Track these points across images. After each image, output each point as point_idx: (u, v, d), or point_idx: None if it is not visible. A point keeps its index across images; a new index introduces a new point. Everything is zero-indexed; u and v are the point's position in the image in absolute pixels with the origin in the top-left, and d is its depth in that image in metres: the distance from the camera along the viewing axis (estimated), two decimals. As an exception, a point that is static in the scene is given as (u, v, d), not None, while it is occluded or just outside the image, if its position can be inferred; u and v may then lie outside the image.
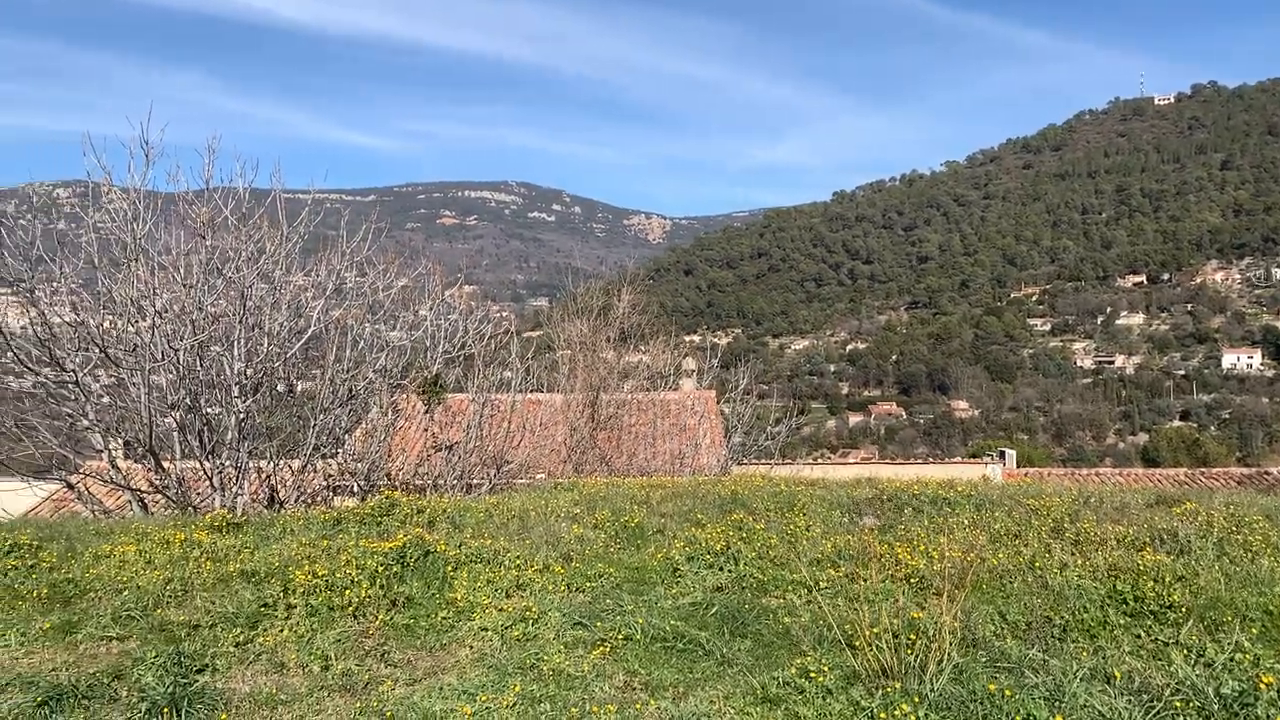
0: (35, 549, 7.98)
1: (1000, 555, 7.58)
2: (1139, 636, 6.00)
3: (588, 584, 7.25)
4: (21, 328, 13.88)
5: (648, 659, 5.84)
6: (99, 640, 6.19)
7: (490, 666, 5.77)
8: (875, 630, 5.41)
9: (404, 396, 17.43)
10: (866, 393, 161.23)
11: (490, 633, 6.28)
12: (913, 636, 5.45)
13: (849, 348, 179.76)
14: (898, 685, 5.09)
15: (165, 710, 5.08)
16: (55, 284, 14.12)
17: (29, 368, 13.22)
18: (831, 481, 11.99)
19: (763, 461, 23.81)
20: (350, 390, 15.54)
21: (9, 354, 13.30)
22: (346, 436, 16.18)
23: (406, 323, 17.19)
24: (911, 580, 7.10)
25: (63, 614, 6.62)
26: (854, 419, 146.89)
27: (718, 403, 25.53)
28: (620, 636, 6.07)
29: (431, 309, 17.45)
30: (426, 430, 18.24)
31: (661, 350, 27.06)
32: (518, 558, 7.65)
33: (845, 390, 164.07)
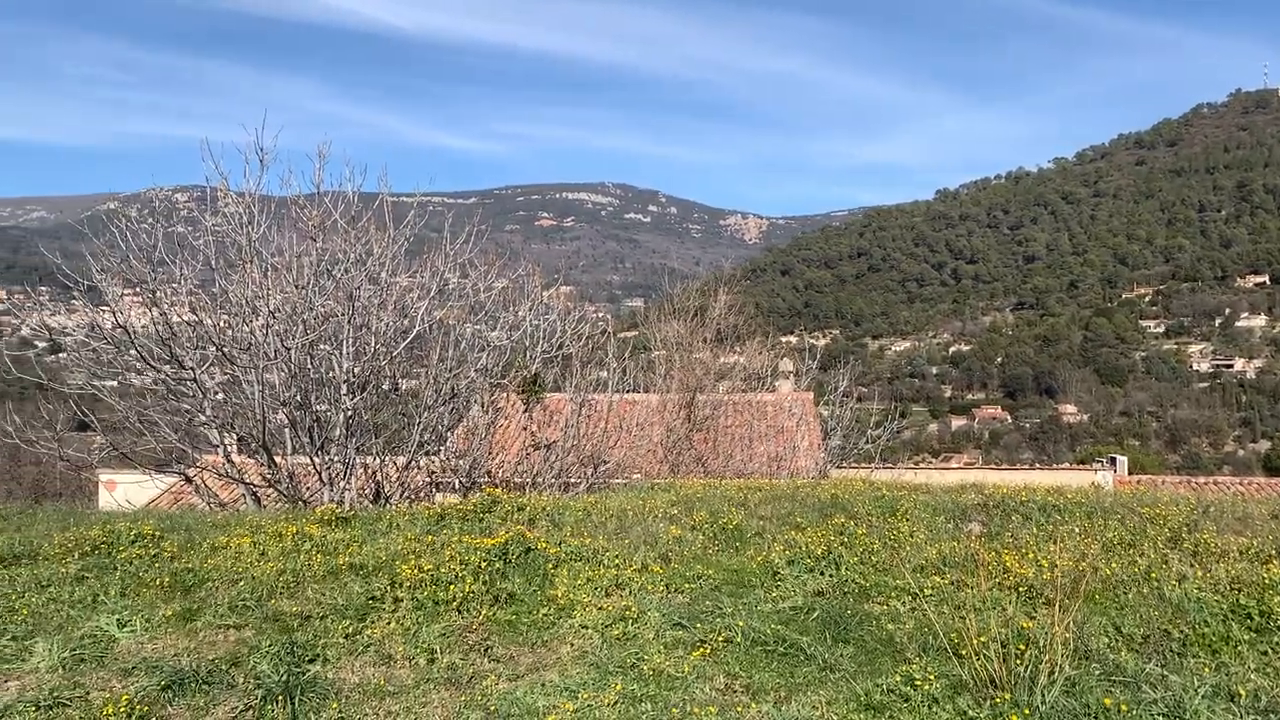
0: (157, 539, 8.33)
1: (1114, 565, 7.32)
2: (1265, 654, 5.72)
3: (686, 585, 7.24)
4: (143, 326, 14.53)
5: (748, 662, 5.80)
6: (217, 628, 6.43)
7: (591, 664, 5.81)
8: (983, 639, 5.28)
9: (503, 395, 17.68)
10: (969, 396, 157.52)
11: (590, 631, 6.33)
12: (1022, 647, 5.30)
13: (952, 349, 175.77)
14: (1007, 696, 4.95)
15: (280, 698, 5.26)
16: (175, 285, 14.77)
17: (151, 365, 13.83)
18: (934, 486, 11.74)
19: (862, 465, 23.45)
20: (453, 389, 15.82)
21: (132, 351, 13.94)
22: (448, 434, 16.51)
23: (507, 323, 17.42)
24: (1020, 589, 6.90)
25: (183, 602, 6.90)
26: (956, 422, 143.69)
27: (816, 405, 25.25)
28: (720, 638, 6.05)
29: (531, 310, 17.67)
30: (525, 429, 18.46)
31: (758, 351, 26.88)
32: (616, 557, 7.69)
33: (947, 393, 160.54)
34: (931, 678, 5.28)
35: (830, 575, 7.38)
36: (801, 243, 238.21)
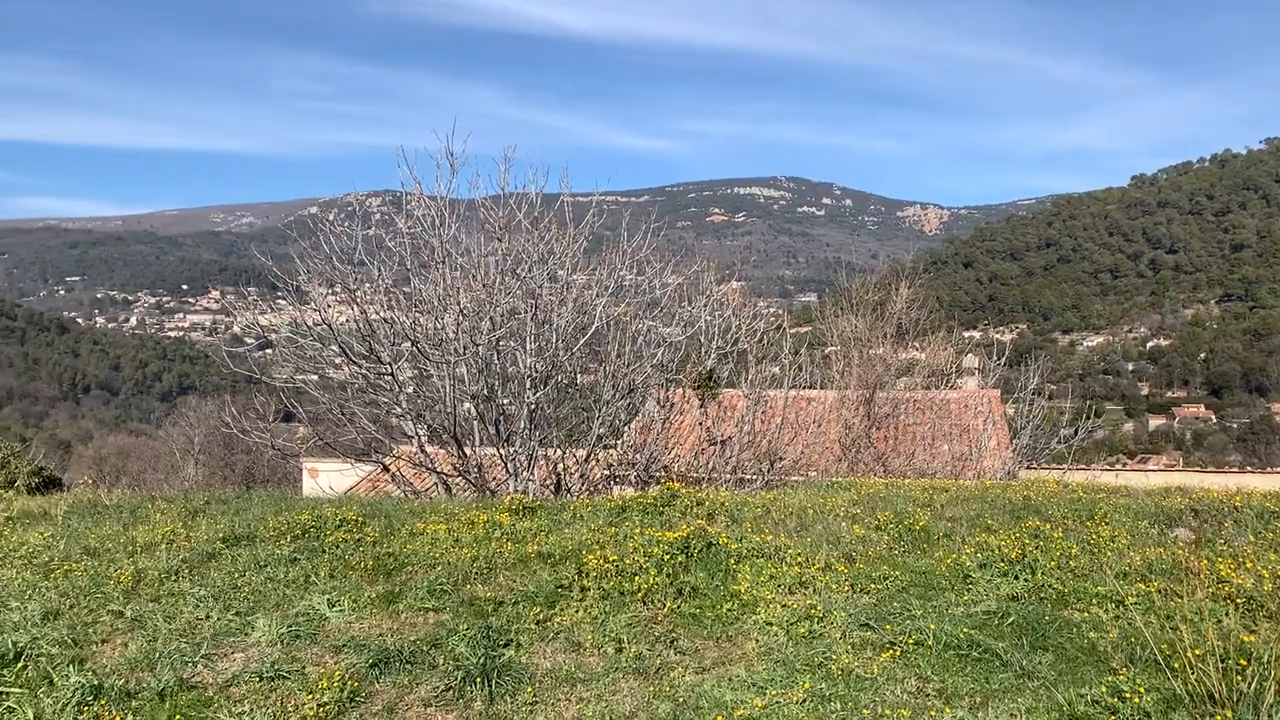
0: (360, 524, 8.83)
1: (1349, 579, 6.70)
2: None
3: (872, 585, 7.10)
4: (343, 323, 15.43)
5: (940, 665, 5.64)
6: (417, 611, 6.76)
7: (777, 661, 5.78)
8: (1199, 651, 4.95)
9: (678, 391, 17.81)
10: (1169, 394, 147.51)
11: (775, 628, 6.30)
12: (1243, 662, 4.94)
13: (1149, 344, 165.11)
14: (1229, 714, 4.63)
15: (478, 680, 5.49)
16: (372, 284, 15.61)
17: (352, 359, 14.68)
18: (1134, 489, 11.08)
19: (1053, 466, 22.35)
20: (629, 384, 16.07)
21: (333, 347, 14.84)
22: (625, 428, 16.78)
23: (682, 319, 17.55)
24: (1236, 600, 6.41)
25: (386, 584, 7.30)
26: (1154, 422, 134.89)
27: (1003, 403, 24.24)
28: (910, 640, 5.90)
29: (706, 306, 17.72)
30: (700, 424, 18.54)
31: (940, 347, 26.01)
32: (799, 554, 7.62)
33: (1144, 391, 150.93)
34: (1141, 690, 4.99)
35: (1025, 579, 7.07)
36: (985, 233, 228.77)
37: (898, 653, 5.79)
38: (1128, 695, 4.95)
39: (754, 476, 16.66)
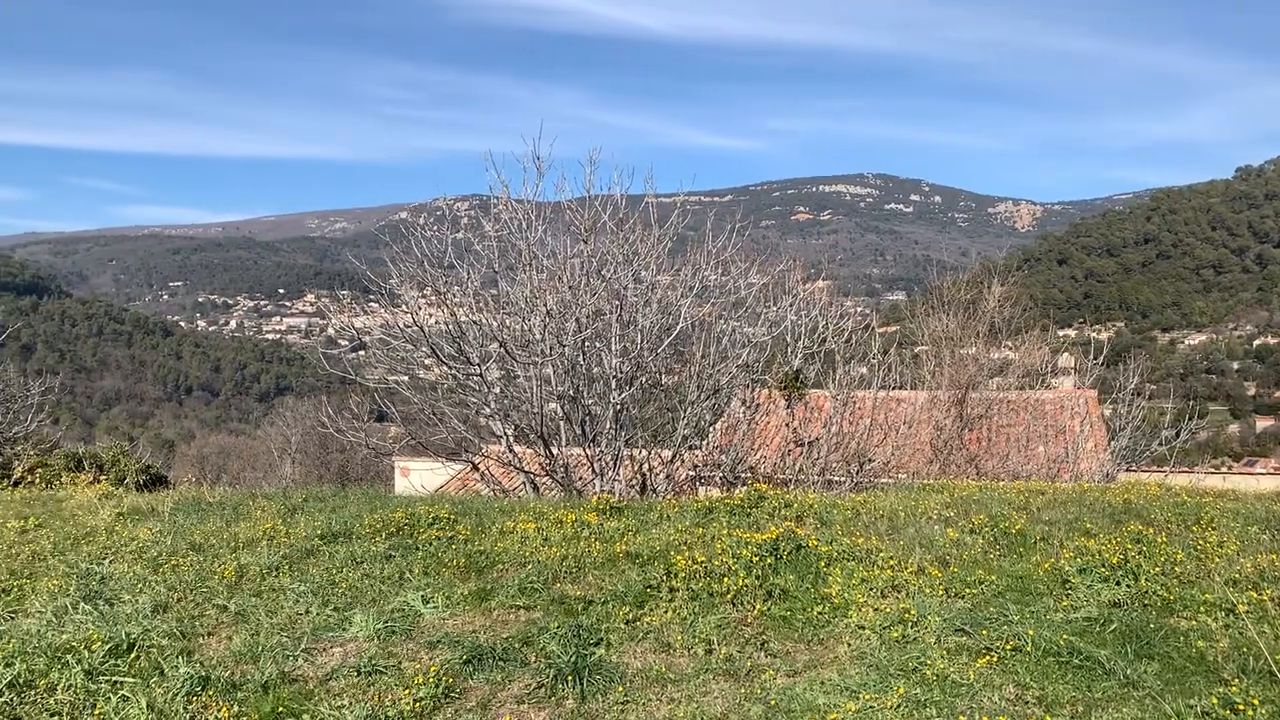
0: (452, 522, 8.99)
1: None
2: None
3: (967, 590, 6.96)
4: (432, 325, 15.72)
5: (1040, 672, 5.49)
6: (509, 608, 6.86)
7: (870, 666, 5.70)
8: (1318, 665, 4.73)
9: (763, 392, 17.70)
10: (1278, 394, 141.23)
11: (867, 631, 6.21)
12: (1368, 677, 4.70)
13: (1255, 343, 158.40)
14: (1351, 732, 4.41)
15: (569, 678, 5.54)
16: (461, 287, 15.86)
17: (442, 360, 14.95)
18: (1243, 493, 10.64)
19: (1154, 469, 21.59)
20: (714, 385, 16.02)
21: (424, 348, 15.13)
22: (710, 429, 16.73)
23: (767, 319, 17.43)
24: (1359, 612, 6.12)
25: (477, 582, 7.41)
26: (1262, 423, 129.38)
27: (1100, 403, 23.51)
28: (1008, 646, 5.76)
29: (792, 305, 17.57)
30: (786, 425, 18.39)
31: (1035, 346, 25.35)
32: (891, 558, 7.51)
33: (1251, 391, 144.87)
34: (1255, 702, 4.79)
35: (1127, 586, 6.84)
36: (1080, 229, 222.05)
37: (995, 659, 5.66)
38: (1240, 707, 4.76)
39: (842, 478, 16.46)
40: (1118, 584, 6.90)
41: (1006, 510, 9.24)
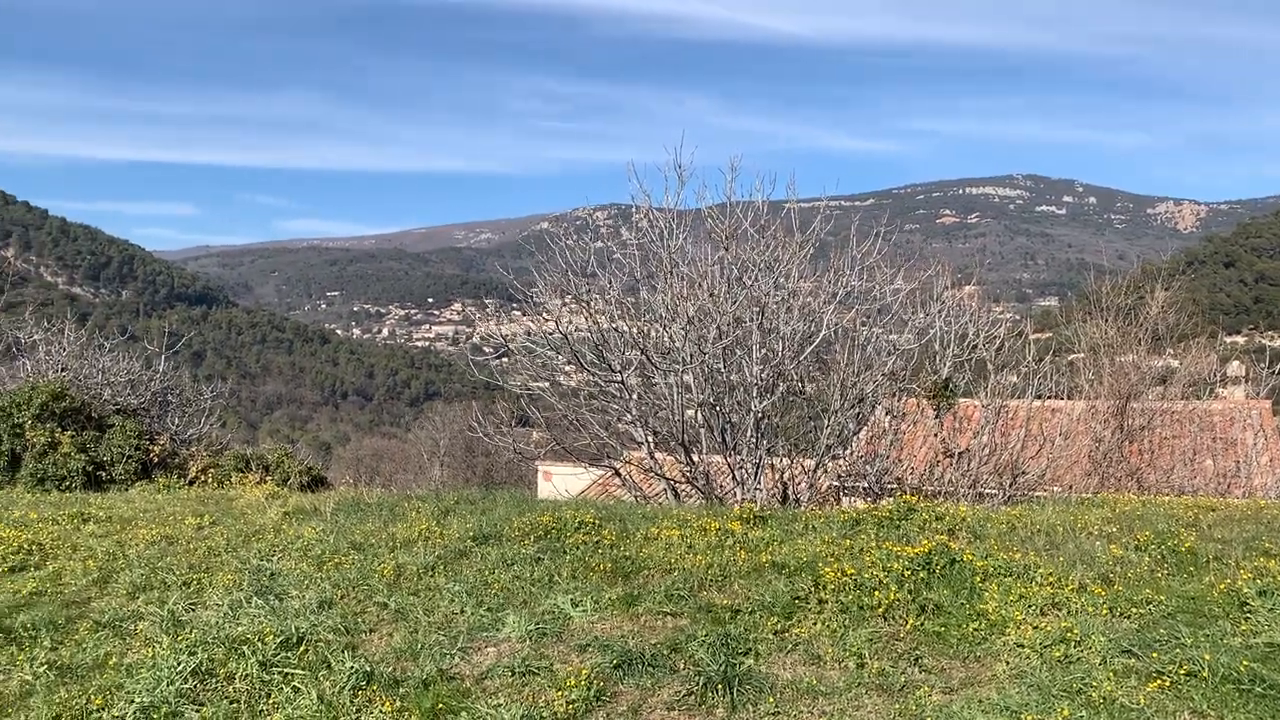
0: (597, 527, 9.10)
1: None
2: None
3: (1133, 609, 6.61)
4: (574, 332, 15.99)
5: (1218, 699, 5.18)
6: (656, 614, 6.90)
7: (1031, 685, 5.49)
8: None
9: (909, 401, 17.27)
10: None
11: (1027, 650, 5.99)
12: None
13: None
14: None
15: (719, 686, 5.54)
16: (603, 294, 16.09)
17: (584, 367, 15.18)
18: None
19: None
20: (859, 393, 15.74)
21: (565, 355, 15.41)
22: (853, 438, 16.43)
23: (913, 326, 17.02)
24: None
25: (624, 587, 7.48)
26: None
27: (1275, 415, 22.01)
28: (1181, 671, 5.46)
29: (940, 312, 17.10)
30: (935, 435, 17.90)
31: (1201, 354, 23.93)
32: (1050, 574, 7.21)
33: None
34: None
35: (1315, 611, 6.37)
36: (1250, 229, 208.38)
37: (1167, 683, 5.37)
38: None
39: (994, 491, 15.90)
40: (1304, 609, 6.44)
41: (1174, 527, 8.75)
